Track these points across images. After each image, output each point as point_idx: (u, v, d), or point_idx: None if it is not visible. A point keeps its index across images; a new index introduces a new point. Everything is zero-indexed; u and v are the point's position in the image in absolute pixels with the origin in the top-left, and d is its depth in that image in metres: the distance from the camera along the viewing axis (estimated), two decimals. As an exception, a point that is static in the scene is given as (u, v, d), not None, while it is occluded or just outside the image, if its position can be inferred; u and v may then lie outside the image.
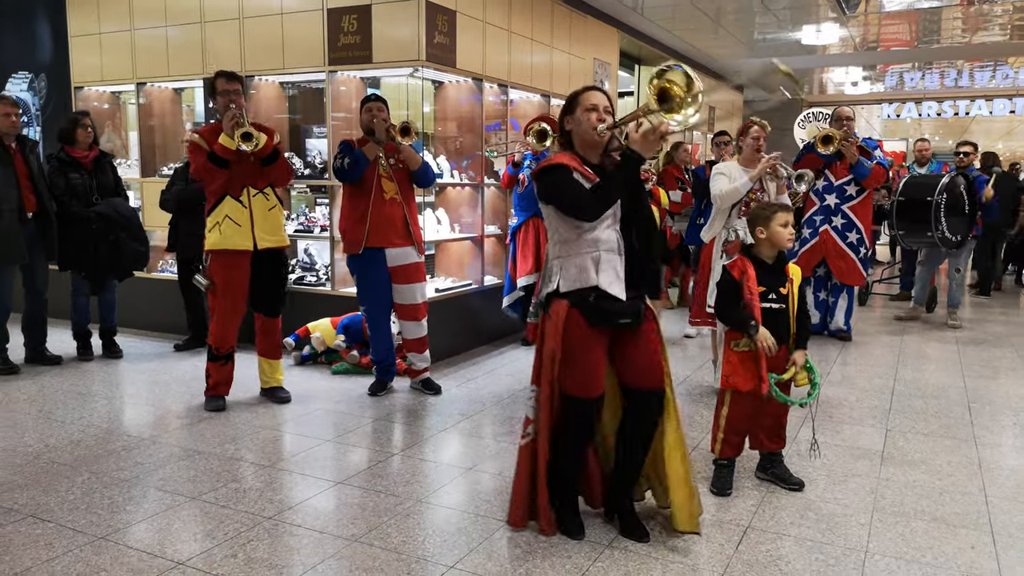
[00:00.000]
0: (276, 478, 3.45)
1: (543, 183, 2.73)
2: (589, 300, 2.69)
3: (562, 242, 2.75)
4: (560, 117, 2.82)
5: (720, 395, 3.33)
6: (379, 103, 4.54)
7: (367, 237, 4.51)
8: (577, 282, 2.70)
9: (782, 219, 3.21)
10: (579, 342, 2.71)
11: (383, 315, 4.75)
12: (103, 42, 6.59)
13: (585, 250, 2.70)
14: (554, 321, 2.73)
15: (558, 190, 2.68)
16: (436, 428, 4.17)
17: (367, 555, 2.75)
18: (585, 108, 2.70)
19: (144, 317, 6.49)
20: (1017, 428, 4.25)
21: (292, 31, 5.68)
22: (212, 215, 4.33)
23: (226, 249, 4.31)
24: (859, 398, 4.78)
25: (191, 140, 4.31)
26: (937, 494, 3.33)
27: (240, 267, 4.37)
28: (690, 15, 8.73)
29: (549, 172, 2.72)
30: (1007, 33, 10.06)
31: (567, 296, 2.72)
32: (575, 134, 2.76)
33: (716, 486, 3.31)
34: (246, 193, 4.33)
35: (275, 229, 4.45)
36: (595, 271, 2.69)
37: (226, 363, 4.48)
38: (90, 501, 3.18)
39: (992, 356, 5.98)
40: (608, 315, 2.70)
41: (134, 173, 6.75)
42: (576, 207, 2.64)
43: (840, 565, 2.71)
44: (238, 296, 4.42)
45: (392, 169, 4.56)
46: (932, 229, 6.73)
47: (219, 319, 4.41)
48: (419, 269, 4.71)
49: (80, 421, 4.23)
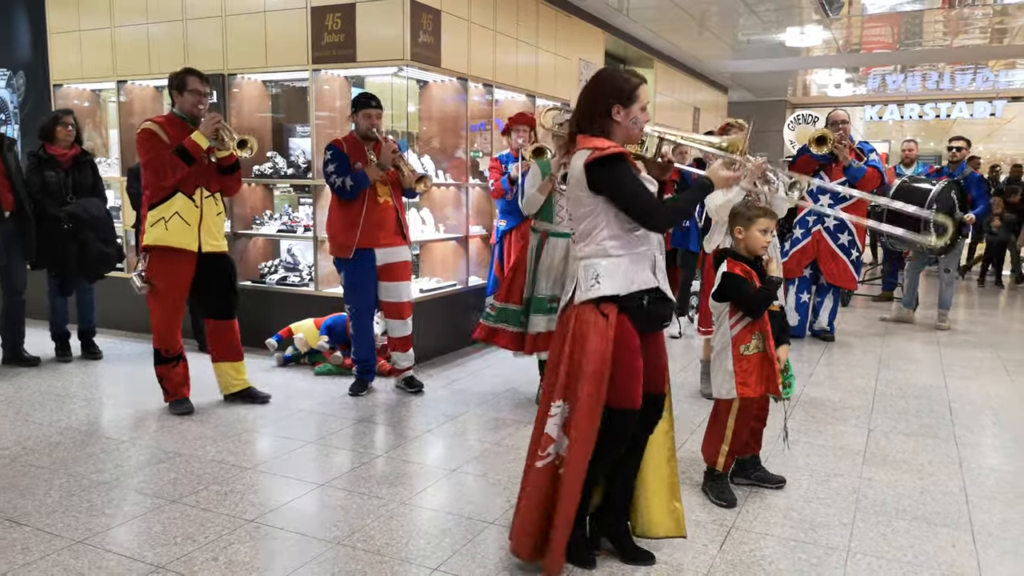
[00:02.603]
0: (257, 480, 3.42)
1: (604, 172, 2.44)
2: (643, 303, 2.50)
3: (613, 238, 2.49)
4: (608, 100, 2.50)
5: (724, 406, 3.20)
6: (378, 109, 4.54)
7: (359, 240, 4.51)
8: (634, 284, 2.49)
9: (763, 224, 3.15)
10: (631, 350, 2.50)
11: (367, 314, 4.73)
12: (83, 39, 6.51)
13: (642, 247, 2.52)
14: (604, 328, 2.45)
15: (629, 187, 2.45)
16: (420, 429, 4.15)
17: (350, 557, 2.72)
18: (642, 107, 2.52)
19: (124, 318, 6.41)
20: (997, 428, 4.29)
21: (275, 29, 5.64)
22: (157, 210, 4.18)
23: (170, 247, 4.19)
24: (842, 398, 4.81)
25: (147, 128, 4.14)
26: (918, 493, 3.35)
27: (182, 268, 4.25)
28: (675, 16, 8.75)
29: (612, 162, 2.44)
30: (987, 37, 10.16)
31: (615, 299, 2.48)
32: (622, 129, 2.52)
33: (723, 498, 3.20)
34: (199, 193, 4.25)
35: (219, 234, 4.39)
36: (653, 271, 2.52)
37: (177, 364, 4.39)
38: (68, 504, 3.13)
39: (973, 356, 6.04)
40: (658, 319, 2.57)
41: (114, 172, 6.67)
42: (651, 211, 2.46)
43: (823, 564, 2.72)
44: (179, 296, 4.32)
45: (387, 173, 4.57)
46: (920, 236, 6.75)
47: (161, 320, 4.29)
48: (406, 267, 4.71)
49: (58, 423, 4.17)
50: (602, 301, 2.48)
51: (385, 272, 4.62)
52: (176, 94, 4.27)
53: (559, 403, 2.54)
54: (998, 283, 10.43)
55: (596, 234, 2.51)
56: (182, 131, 4.18)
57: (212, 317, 4.48)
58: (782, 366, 3.19)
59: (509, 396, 4.78)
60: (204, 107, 4.26)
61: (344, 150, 4.50)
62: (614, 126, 2.52)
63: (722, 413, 3.21)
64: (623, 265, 2.48)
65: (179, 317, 4.38)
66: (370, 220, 4.50)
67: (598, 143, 2.46)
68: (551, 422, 2.54)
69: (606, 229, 2.50)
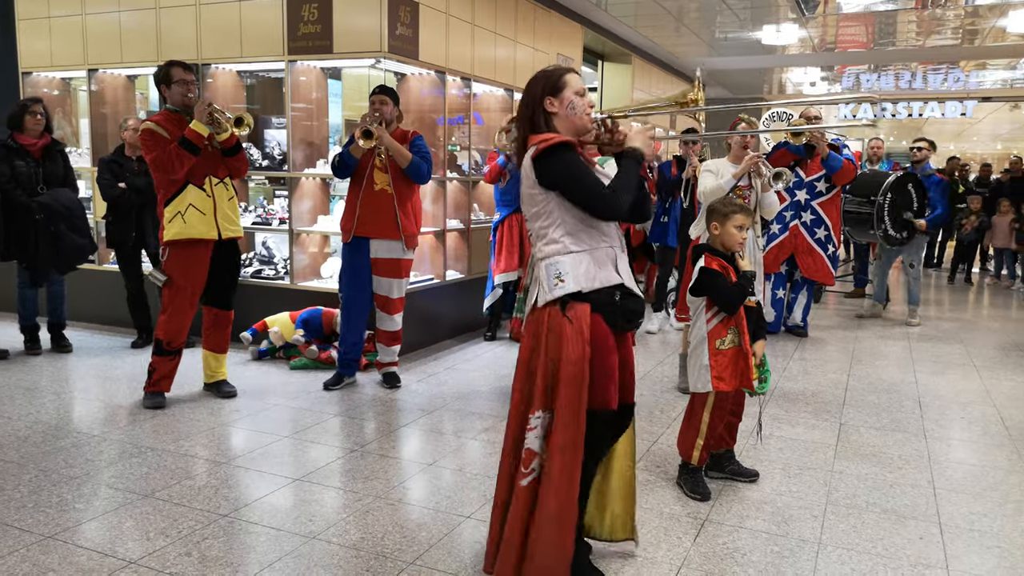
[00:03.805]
0: (232, 475, 3.39)
1: (550, 164, 2.35)
2: (615, 300, 2.40)
3: (570, 234, 2.39)
4: (538, 97, 2.45)
5: (699, 400, 3.22)
6: (383, 95, 4.53)
7: (356, 226, 4.54)
8: (597, 280, 2.37)
9: (738, 221, 3.18)
10: (607, 350, 2.39)
11: (357, 307, 4.70)
12: (52, 26, 6.38)
13: (601, 243, 2.42)
14: (577, 327, 2.32)
15: (576, 176, 2.35)
16: (396, 424, 4.14)
17: (325, 552, 2.71)
18: (576, 92, 2.44)
19: (95, 311, 6.32)
20: (964, 422, 4.38)
21: (251, 19, 5.57)
22: (172, 205, 4.22)
23: (190, 239, 4.23)
24: (814, 393, 4.88)
25: (147, 128, 4.17)
26: (888, 486, 3.41)
27: (201, 259, 4.31)
28: (653, 12, 8.79)
29: (558, 153, 2.35)
30: (959, 38, 10.33)
31: (587, 297, 2.35)
32: (561, 118, 2.44)
33: (697, 492, 3.22)
34: (208, 182, 4.29)
35: (235, 219, 4.45)
36: (615, 267, 2.42)
37: (174, 358, 4.39)
38: (38, 499, 3.08)
39: (942, 352, 6.15)
40: (632, 316, 2.46)
41: (85, 162, 6.56)
42: (599, 200, 2.34)
43: (794, 556, 2.76)
44: (196, 290, 4.36)
45: (389, 161, 4.55)
46: (875, 227, 6.87)
47: (174, 314, 4.31)
48: (402, 265, 4.70)
49: (27, 417, 4.10)
50: (569, 300, 2.35)
51: (379, 267, 4.64)
52: (164, 88, 4.29)
53: (539, 413, 2.36)
54: (967, 281, 10.62)
55: (553, 232, 2.41)
56: (179, 124, 4.21)
57: (214, 306, 4.51)
58: (758, 361, 3.22)
59: (486, 390, 4.78)
60: (194, 94, 4.29)
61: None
62: (553, 118, 2.45)
63: (697, 407, 3.24)
64: (584, 261, 2.38)
65: (192, 312, 4.39)
66: (367, 206, 4.53)
67: (543, 137, 2.40)
68: (532, 435, 2.36)
69: (562, 226, 2.40)
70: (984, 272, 11.36)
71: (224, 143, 4.31)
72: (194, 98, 4.27)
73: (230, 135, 4.30)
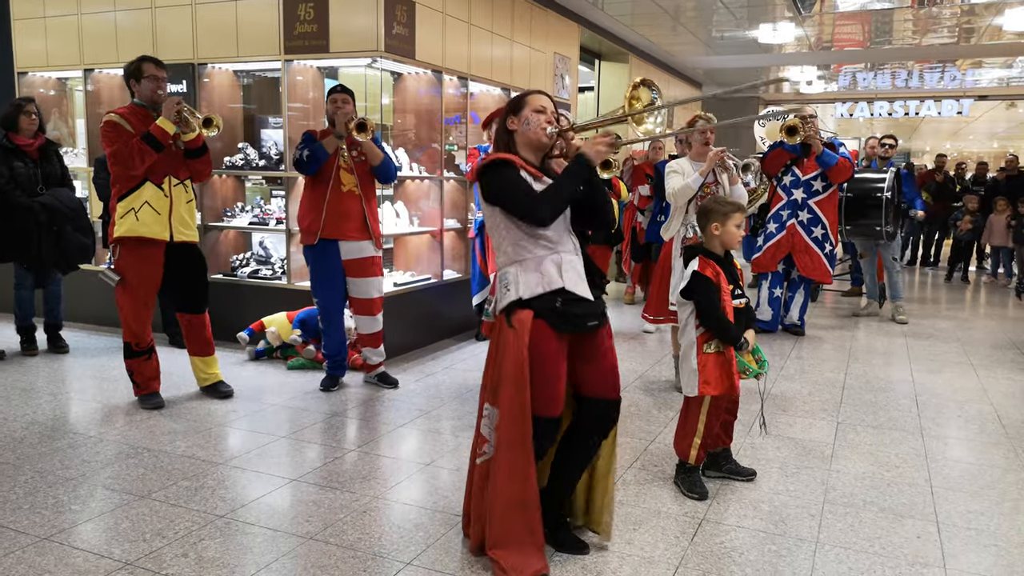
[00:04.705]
0: (228, 475, 3.38)
1: (488, 180, 2.55)
2: (556, 306, 2.50)
3: (515, 244, 2.55)
4: (503, 117, 2.67)
5: (696, 401, 3.22)
6: (344, 94, 4.49)
7: (323, 228, 4.46)
8: (540, 286, 2.50)
9: (738, 219, 3.21)
10: (546, 356, 2.51)
11: (335, 308, 4.69)
12: (48, 26, 6.37)
13: (543, 251, 2.54)
14: (519, 334, 2.48)
15: (506, 190, 2.52)
16: (394, 423, 4.14)
17: (322, 552, 2.71)
18: (534, 109, 2.60)
19: (91, 311, 6.30)
20: (961, 420, 4.38)
21: (247, 18, 5.56)
22: (126, 200, 4.14)
23: (141, 237, 4.14)
24: (811, 392, 4.88)
25: (110, 120, 4.09)
26: (885, 485, 3.41)
27: (153, 259, 4.22)
28: (650, 11, 8.79)
29: (494, 168, 2.54)
30: (955, 36, 10.34)
31: (530, 304, 2.50)
32: (519, 135, 2.62)
33: (695, 491, 3.22)
34: (168, 182, 4.22)
35: (190, 223, 4.36)
36: (558, 272, 2.51)
37: (149, 358, 4.34)
38: (34, 501, 3.08)
39: (939, 350, 6.15)
40: (577, 319, 2.54)
41: (81, 162, 6.54)
42: (526, 207, 2.48)
43: (792, 555, 2.76)
44: (150, 289, 4.28)
45: (354, 162, 4.51)
46: (881, 224, 6.86)
47: (131, 313, 4.25)
48: (375, 263, 4.66)
49: (23, 418, 4.09)
50: (515, 308, 2.52)
51: (352, 268, 4.59)
52: (134, 83, 4.23)
53: (488, 407, 2.61)
54: (964, 279, 10.64)
55: (502, 244, 2.59)
56: (145, 120, 4.15)
57: (182, 311, 4.44)
58: (751, 348, 3.21)
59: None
60: (164, 91, 4.24)
61: (317, 138, 4.50)
62: (514, 137, 2.63)
63: (693, 407, 3.24)
64: (528, 269, 2.53)
65: (149, 310, 4.32)
66: (334, 208, 4.46)
67: (487, 156, 2.60)
68: (484, 423, 2.63)
69: (507, 238, 2.57)
70: (981, 271, 11.38)
71: (190, 144, 4.24)
72: (164, 95, 4.21)
73: (197, 135, 4.23)
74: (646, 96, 2.70)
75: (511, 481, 2.51)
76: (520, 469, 2.51)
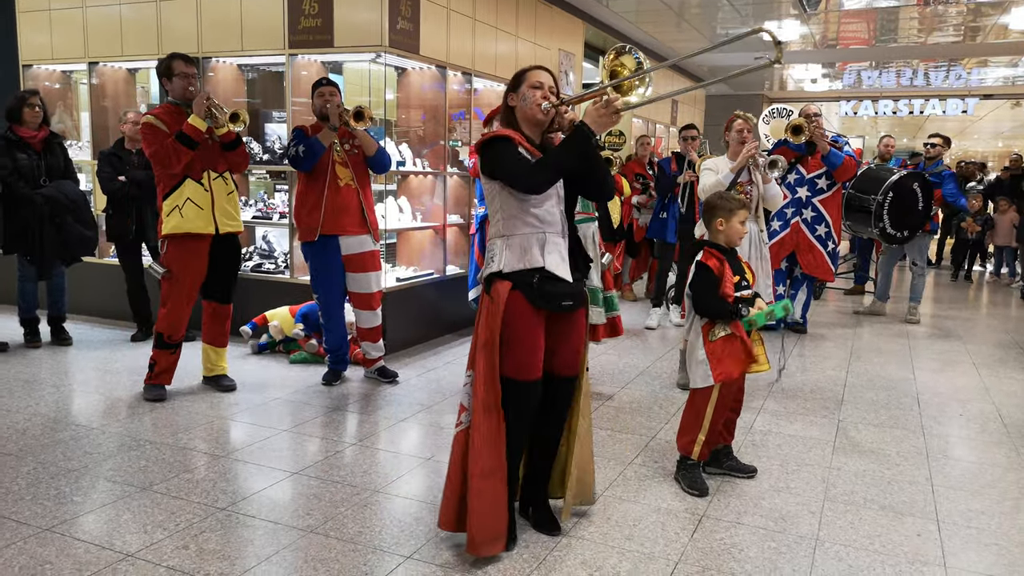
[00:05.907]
0: (230, 468, 3.39)
1: (486, 155, 2.64)
2: (533, 282, 2.60)
3: (506, 219, 2.65)
4: (504, 94, 2.75)
5: (702, 396, 3.21)
6: (331, 87, 4.49)
7: (322, 224, 4.47)
8: (521, 263, 2.61)
9: (742, 216, 3.24)
10: (520, 323, 2.61)
11: (336, 303, 4.69)
12: (53, 19, 6.37)
13: (530, 229, 2.63)
14: (496, 303, 2.61)
15: (502, 161, 2.60)
16: (395, 418, 4.14)
17: (322, 546, 2.71)
18: (531, 85, 2.66)
19: (95, 303, 6.32)
20: (963, 419, 4.38)
21: (251, 12, 5.56)
22: (171, 198, 4.23)
23: (188, 233, 4.23)
24: (813, 389, 4.88)
25: (147, 122, 4.18)
26: (886, 483, 3.41)
27: (199, 253, 4.32)
28: (654, 8, 8.77)
29: (492, 144, 2.63)
30: (960, 35, 10.30)
31: (509, 277, 2.62)
32: (518, 111, 2.69)
33: (695, 487, 3.21)
34: (207, 176, 4.28)
35: (234, 214, 4.43)
36: (540, 252, 2.61)
37: (175, 352, 4.40)
38: (36, 492, 3.09)
39: (941, 349, 6.14)
40: (552, 297, 2.62)
41: (85, 155, 6.55)
42: (520, 176, 2.56)
43: (792, 552, 2.76)
44: (195, 282, 4.36)
45: (347, 155, 4.52)
46: (872, 224, 6.83)
47: (173, 307, 4.32)
48: (374, 257, 4.67)
49: (26, 410, 4.10)
50: (495, 279, 2.64)
51: (351, 263, 4.59)
52: (166, 81, 4.29)
53: (469, 372, 2.72)
54: (967, 279, 10.62)
55: (495, 217, 2.69)
56: (179, 118, 4.20)
57: (210, 299, 4.51)
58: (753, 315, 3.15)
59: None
60: (195, 88, 4.29)
61: (308, 134, 4.49)
62: (514, 112, 2.71)
63: (699, 403, 3.23)
64: (512, 244, 2.63)
65: (191, 305, 4.39)
66: (332, 203, 4.46)
67: (488, 131, 2.71)
68: (464, 391, 2.75)
69: (501, 211, 2.66)
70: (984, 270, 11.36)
71: (223, 137, 4.31)
72: (195, 91, 4.27)
73: (228, 130, 4.31)
74: (630, 63, 2.67)
75: (486, 446, 2.60)
76: (498, 432, 2.62)
